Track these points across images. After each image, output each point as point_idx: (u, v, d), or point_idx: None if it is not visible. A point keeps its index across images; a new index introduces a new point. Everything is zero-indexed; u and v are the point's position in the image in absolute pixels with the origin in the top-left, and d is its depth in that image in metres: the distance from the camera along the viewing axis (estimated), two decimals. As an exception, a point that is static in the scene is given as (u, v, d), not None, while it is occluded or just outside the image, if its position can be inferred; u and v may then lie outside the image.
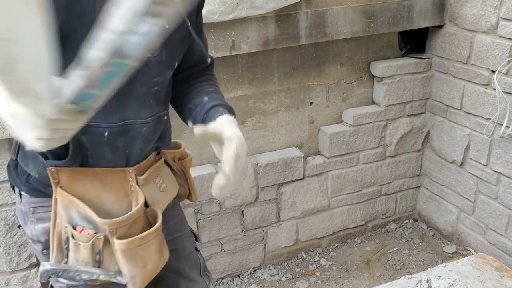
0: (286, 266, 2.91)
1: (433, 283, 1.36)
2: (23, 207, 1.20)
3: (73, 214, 1.12)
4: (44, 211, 1.17)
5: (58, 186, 1.11)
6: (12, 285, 1.80)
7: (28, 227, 1.20)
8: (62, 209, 1.12)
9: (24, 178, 1.17)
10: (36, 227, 1.19)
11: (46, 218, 1.16)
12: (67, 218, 1.12)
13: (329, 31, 2.44)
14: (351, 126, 2.80)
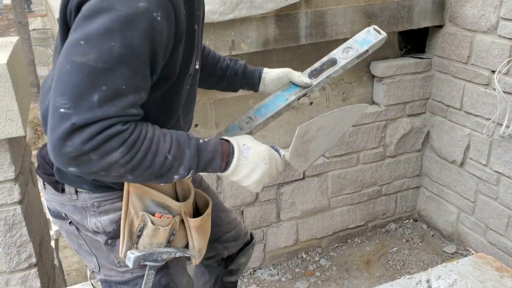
0: (286, 266, 2.90)
1: (433, 283, 1.36)
2: (79, 202, 1.24)
3: (148, 203, 1.22)
4: (109, 203, 1.24)
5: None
6: (12, 285, 1.79)
7: (89, 220, 1.25)
8: (137, 199, 1.20)
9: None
10: (102, 219, 1.25)
11: (112, 210, 1.24)
12: (143, 207, 1.22)
13: (329, 31, 2.44)
14: (351, 126, 2.79)
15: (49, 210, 1.37)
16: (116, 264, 1.32)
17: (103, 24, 0.93)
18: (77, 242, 1.36)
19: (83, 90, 0.93)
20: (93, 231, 1.27)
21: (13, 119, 1.57)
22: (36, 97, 7.48)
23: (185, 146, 1.09)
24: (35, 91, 7.44)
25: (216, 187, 2.55)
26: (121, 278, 1.34)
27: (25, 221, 1.73)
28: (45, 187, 1.32)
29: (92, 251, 1.33)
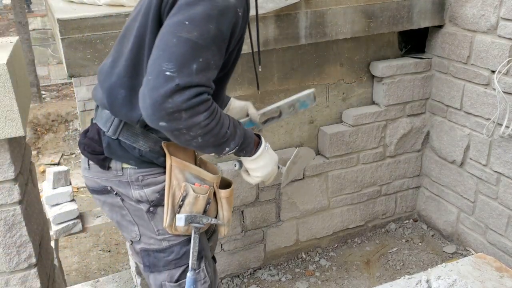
0: (286, 266, 2.90)
1: (433, 283, 1.36)
2: (124, 178, 1.48)
3: (188, 175, 1.48)
4: (152, 177, 1.47)
5: (171, 156, 1.45)
6: (12, 285, 1.79)
7: (133, 191, 1.48)
8: (178, 172, 1.46)
9: (137, 152, 1.45)
10: (145, 191, 1.47)
11: (153, 183, 1.47)
12: (184, 179, 1.47)
13: (329, 31, 2.44)
14: (351, 126, 2.79)
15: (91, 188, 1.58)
16: (155, 232, 1.52)
17: (204, 10, 1.22)
18: (120, 213, 1.55)
19: (186, 59, 1.19)
20: (137, 200, 1.49)
21: (13, 119, 1.57)
22: (35, 97, 7.48)
23: (237, 127, 1.38)
24: (35, 91, 7.43)
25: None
26: (158, 246, 1.53)
27: (25, 221, 1.73)
28: (89, 167, 1.53)
29: (135, 220, 1.53)
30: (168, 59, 1.18)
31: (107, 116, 1.46)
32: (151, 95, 1.18)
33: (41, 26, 10.23)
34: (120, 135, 1.44)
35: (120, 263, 3.89)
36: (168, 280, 1.56)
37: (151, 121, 1.22)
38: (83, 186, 5.41)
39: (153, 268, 1.56)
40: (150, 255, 1.55)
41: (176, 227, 1.49)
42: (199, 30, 1.20)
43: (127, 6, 2.09)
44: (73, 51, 1.98)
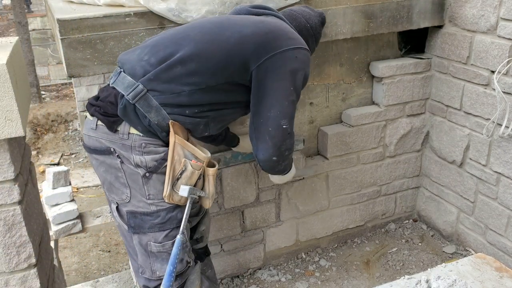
0: (285, 266, 2.90)
1: (432, 284, 1.36)
2: (128, 142, 1.64)
3: (186, 152, 1.67)
4: (153, 146, 1.65)
5: (175, 134, 1.64)
6: (11, 285, 1.79)
7: (134, 156, 1.64)
8: (180, 149, 1.65)
9: (147, 121, 1.62)
10: (145, 157, 1.64)
11: (153, 152, 1.64)
12: (183, 155, 1.66)
13: (328, 31, 2.44)
14: (351, 126, 2.79)
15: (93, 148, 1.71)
16: (146, 196, 1.68)
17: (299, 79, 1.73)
18: (115, 174, 1.69)
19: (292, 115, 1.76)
20: (136, 165, 1.64)
21: (12, 119, 1.57)
22: (35, 98, 7.47)
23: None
24: (34, 91, 7.43)
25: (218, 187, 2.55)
26: (146, 210, 1.69)
27: (24, 221, 1.73)
28: (97, 127, 1.68)
29: (128, 182, 1.68)
30: (283, 117, 1.70)
31: (130, 82, 1.63)
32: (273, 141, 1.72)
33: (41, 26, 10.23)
34: (137, 102, 1.61)
35: (120, 263, 3.89)
36: (153, 241, 1.71)
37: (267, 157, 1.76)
38: (83, 186, 5.41)
39: (137, 229, 1.72)
40: (137, 217, 1.70)
41: (174, 196, 1.67)
42: (298, 92, 1.75)
43: (126, 6, 2.09)
44: (72, 51, 1.98)
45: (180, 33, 1.70)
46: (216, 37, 1.64)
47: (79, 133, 6.73)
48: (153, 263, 1.74)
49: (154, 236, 1.71)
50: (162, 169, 1.66)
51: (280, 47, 1.65)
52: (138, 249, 1.76)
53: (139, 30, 2.06)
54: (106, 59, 2.04)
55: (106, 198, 1.88)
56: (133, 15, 2.04)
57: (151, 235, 1.71)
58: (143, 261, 1.76)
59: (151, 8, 2.03)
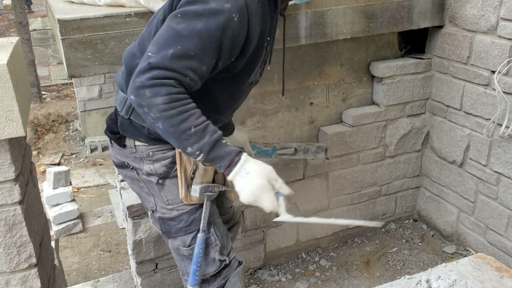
0: (286, 266, 2.90)
1: (433, 283, 1.36)
2: (137, 154, 1.64)
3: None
4: (161, 153, 1.62)
5: None
6: (12, 285, 1.79)
7: (145, 166, 1.64)
8: None
9: (146, 131, 1.60)
10: (155, 165, 1.63)
11: (162, 158, 1.62)
12: None
13: (329, 31, 2.44)
14: (351, 126, 2.80)
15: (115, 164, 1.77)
16: (165, 202, 1.67)
17: (196, 9, 1.35)
18: (139, 185, 1.72)
19: (165, 44, 1.33)
20: (148, 173, 1.65)
21: (13, 120, 1.57)
22: (36, 98, 7.48)
23: (208, 133, 1.38)
24: (35, 92, 7.43)
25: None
26: (169, 215, 1.68)
27: (25, 222, 1.73)
28: (112, 145, 1.71)
29: (150, 191, 1.69)
30: (153, 43, 1.36)
31: (121, 97, 1.63)
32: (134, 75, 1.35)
33: (42, 26, 10.24)
34: (131, 115, 1.60)
35: (120, 263, 3.90)
36: (182, 245, 1.70)
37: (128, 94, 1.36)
38: (84, 186, 5.42)
39: (168, 234, 1.72)
40: (165, 223, 1.71)
41: (191, 197, 1.63)
42: (186, 23, 1.33)
43: (127, 7, 2.09)
44: (73, 51, 1.98)
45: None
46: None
47: (79, 133, 6.73)
48: (187, 266, 1.73)
49: (183, 240, 1.70)
50: (173, 173, 1.64)
51: None
52: (172, 253, 1.78)
53: (139, 30, 2.06)
54: (107, 59, 2.04)
55: None
56: (134, 15, 2.04)
57: (180, 239, 1.70)
58: (179, 264, 1.78)
59: (151, 9, 2.03)
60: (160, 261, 2.46)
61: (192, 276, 1.65)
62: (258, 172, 1.43)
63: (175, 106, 1.32)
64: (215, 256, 1.71)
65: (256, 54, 1.54)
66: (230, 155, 1.41)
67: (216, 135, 1.39)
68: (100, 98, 6.40)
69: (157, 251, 2.40)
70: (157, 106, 1.30)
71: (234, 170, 1.42)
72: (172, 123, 1.32)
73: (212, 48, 1.35)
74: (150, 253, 2.39)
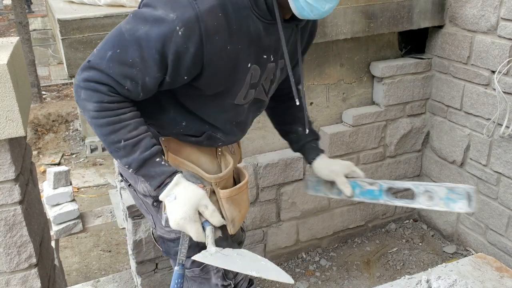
0: (286, 266, 2.90)
1: (433, 283, 1.36)
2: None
3: (185, 173, 1.41)
4: None
5: (169, 152, 1.44)
6: (12, 285, 1.79)
7: (139, 185, 1.52)
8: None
9: None
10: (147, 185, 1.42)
11: None
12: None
13: (329, 31, 2.44)
14: (351, 126, 2.80)
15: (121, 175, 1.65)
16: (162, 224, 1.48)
17: (144, 13, 1.23)
18: (138, 202, 1.63)
19: (107, 43, 1.24)
20: (143, 194, 1.54)
21: (13, 120, 1.57)
22: (36, 98, 7.48)
23: (139, 149, 1.27)
24: (35, 92, 7.43)
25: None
26: (168, 236, 1.56)
27: (25, 221, 1.73)
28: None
29: (148, 210, 1.59)
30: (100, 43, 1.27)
31: None
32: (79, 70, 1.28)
33: (42, 26, 10.24)
34: None
35: (120, 263, 3.90)
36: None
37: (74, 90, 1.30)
38: (84, 186, 5.42)
39: (168, 254, 1.64)
40: (165, 242, 1.62)
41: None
42: (132, 25, 1.22)
43: (127, 7, 2.09)
44: (73, 51, 1.98)
45: None
46: None
47: (80, 133, 6.73)
48: (191, 286, 1.66)
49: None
50: None
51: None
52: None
53: (139, 30, 2.06)
54: (107, 59, 2.04)
55: None
56: (134, 15, 2.04)
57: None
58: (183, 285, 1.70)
59: (151, 8, 2.03)
60: (160, 261, 2.46)
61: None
62: (185, 199, 1.29)
63: (105, 116, 1.23)
64: (218, 282, 1.62)
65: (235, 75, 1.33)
66: (161, 176, 1.30)
67: (147, 152, 1.28)
68: (100, 98, 6.39)
69: (157, 251, 2.40)
70: (88, 111, 1.24)
71: (163, 193, 1.31)
72: (101, 132, 1.26)
73: (153, 60, 1.21)
74: (150, 253, 2.39)
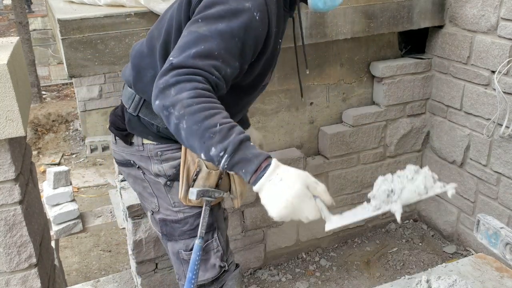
0: (286, 266, 2.90)
1: (433, 283, 1.36)
2: (145, 153, 1.60)
3: None
4: (170, 153, 1.58)
5: None
6: (12, 285, 1.79)
7: (153, 166, 1.60)
8: None
9: (155, 128, 1.55)
10: (163, 165, 1.58)
11: (171, 158, 1.58)
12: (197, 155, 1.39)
13: (329, 31, 2.44)
14: (351, 126, 2.80)
15: (118, 161, 1.71)
16: (171, 204, 1.63)
17: (217, 11, 1.31)
18: (142, 185, 1.68)
19: (187, 45, 1.28)
20: (156, 174, 1.60)
21: (13, 119, 1.57)
22: (36, 98, 7.48)
23: (234, 132, 1.20)
24: (35, 91, 7.43)
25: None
26: (174, 217, 1.64)
27: (25, 221, 1.73)
28: (116, 141, 1.67)
29: (154, 192, 1.65)
30: (175, 49, 1.30)
31: (129, 93, 1.59)
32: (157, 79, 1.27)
33: (42, 26, 10.23)
34: (140, 112, 1.57)
35: (120, 263, 3.89)
36: (183, 249, 1.67)
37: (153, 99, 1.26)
38: (84, 186, 5.41)
39: (170, 237, 1.68)
40: (168, 225, 1.66)
41: (189, 199, 1.58)
42: (208, 25, 1.30)
43: (127, 7, 2.09)
44: (73, 51, 1.98)
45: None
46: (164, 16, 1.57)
47: (80, 133, 6.73)
48: (186, 270, 1.67)
49: (186, 243, 1.66)
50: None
51: None
52: (171, 256, 1.74)
53: (139, 30, 2.06)
54: (107, 59, 2.04)
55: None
56: (134, 15, 2.04)
57: (182, 242, 1.66)
58: (177, 268, 1.74)
59: (151, 9, 2.04)
60: (160, 261, 2.46)
61: (187, 284, 1.56)
62: (294, 178, 1.17)
63: (201, 102, 1.19)
64: (216, 262, 1.68)
65: (272, 55, 1.52)
66: (258, 157, 1.19)
67: (243, 135, 1.21)
68: (100, 98, 6.40)
69: (157, 251, 2.40)
70: (181, 101, 1.19)
71: (264, 177, 1.17)
72: (196, 119, 1.18)
73: (235, 49, 1.30)
74: (150, 253, 2.39)
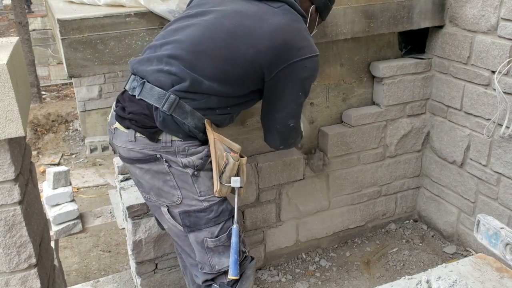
0: (286, 266, 2.90)
1: (433, 284, 1.36)
2: (172, 148, 1.75)
3: (224, 147, 1.79)
4: (194, 148, 1.77)
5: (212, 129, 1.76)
6: (12, 285, 1.79)
7: (180, 159, 1.75)
8: (219, 143, 1.77)
9: (186, 127, 1.73)
10: (191, 158, 1.75)
11: (196, 152, 1.76)
12: (223, 149, 1.78)
13: (329, 31, 2.44)
14: (351, 126, 2.79)
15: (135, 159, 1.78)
16: (197, 194, 1.78)
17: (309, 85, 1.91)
18: (164, 179, 1.78)
19: (299, 115, 1.97)
20: (184, 165, 1.75)
21: (13, 120, 1.57)
22: (36, 98, 7.48)
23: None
24: (35, 92, 7.43)
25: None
26: (199, 207, 1.78)
27: (25, 222, 1.73)
28: (136, 139, 1.75)
29: (178, 184, 1.77)
30: (291, 118, 1.92)
31: (160, 93, 1.70)
32: (281, 136, 1.97)
33: (41, 26, 10.22)
34: (173, 111, 1.70)
35: (120, 263, 3.90)
36: (209, 236, 1.79)
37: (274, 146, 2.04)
38: (83, 186, 5.41)
39: (194, 227, 1.79)
40: (191, 215, 1.78)
41: (222, 190, 1.79)
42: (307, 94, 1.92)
43: (127, 7, 2.09)
44: (73, 51, 1.98)
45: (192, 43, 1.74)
46: (233, 54, 1.74)
47: (79, 133, 6.73)
48: (210, 258, 1.82)
49: (210, 231, 1.79)
50: (207, 165, 1.78)
51: (291, 59, 1.79)
52: (195, 246, 1.84)
53: (139, 30, 2.06)
54: (107, 59, 2.04)
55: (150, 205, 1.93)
56: (134, 15, 2.04)
57: (207, 230, 1.79)
58: (201, 257, 1.84)
59: (151, 9, 2.03)
60: (160, 261, 2.46)
61: (233, 265, 1.75)
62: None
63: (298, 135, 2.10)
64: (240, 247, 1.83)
65: None
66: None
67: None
68: (100, 98, 6.40)
69: (157, 251, 2.40)
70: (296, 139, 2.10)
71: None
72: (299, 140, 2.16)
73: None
74: (150, 253, 2.39)
